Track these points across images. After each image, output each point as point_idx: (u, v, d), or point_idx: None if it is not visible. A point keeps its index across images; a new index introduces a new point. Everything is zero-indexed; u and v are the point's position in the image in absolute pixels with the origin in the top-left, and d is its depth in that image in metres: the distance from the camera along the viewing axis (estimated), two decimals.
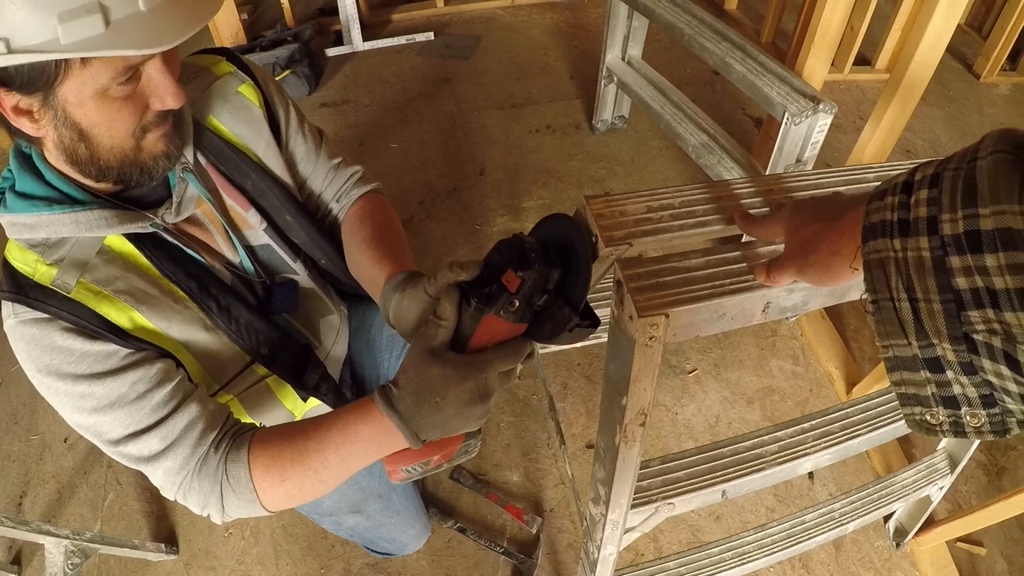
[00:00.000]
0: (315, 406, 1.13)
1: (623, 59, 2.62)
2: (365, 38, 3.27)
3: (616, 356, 0.76)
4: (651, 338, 0.68)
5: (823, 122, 1.79)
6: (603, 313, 0.76)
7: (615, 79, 2.64)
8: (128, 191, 0.85)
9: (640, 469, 0.94)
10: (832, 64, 3.01)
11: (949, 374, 0.46)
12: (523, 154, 2.80)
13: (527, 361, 0.76)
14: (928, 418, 0.49)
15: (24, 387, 2.07)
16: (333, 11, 3.32)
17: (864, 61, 3.44)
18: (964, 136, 3.06)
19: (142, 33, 0.68)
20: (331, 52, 3.25)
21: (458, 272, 0.71)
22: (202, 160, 0.93)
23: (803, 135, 1.81)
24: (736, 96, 3.20)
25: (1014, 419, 0.45)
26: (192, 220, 0.93)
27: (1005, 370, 0.42)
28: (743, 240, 0.79)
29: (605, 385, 0.82)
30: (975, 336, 0.43)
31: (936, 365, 0.46)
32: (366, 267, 0.98)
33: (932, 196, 0.45)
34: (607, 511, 0.92)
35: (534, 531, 1.69)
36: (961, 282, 0.42)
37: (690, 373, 2.09)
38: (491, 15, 3.65)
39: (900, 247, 0.46)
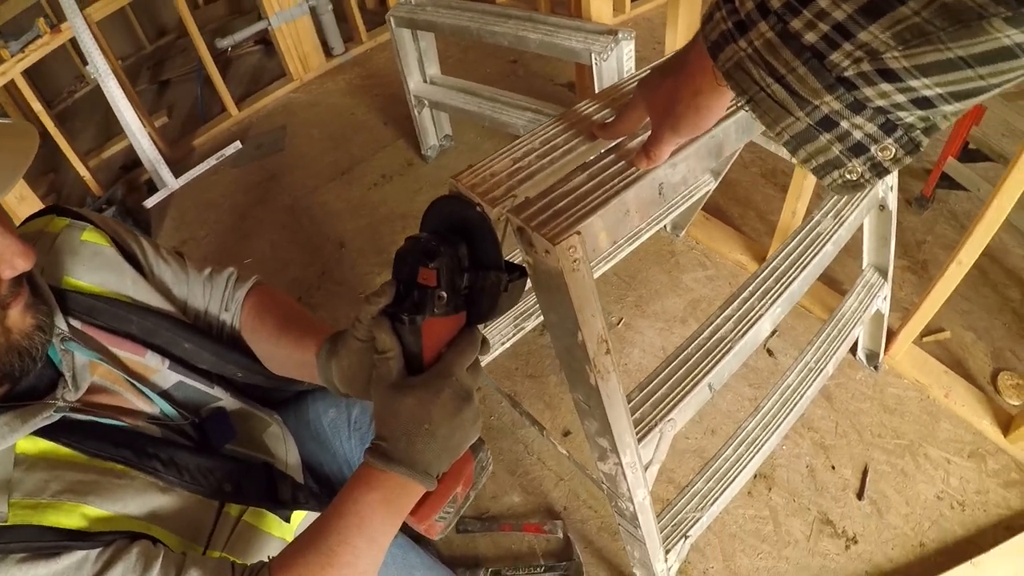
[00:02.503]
0: (302, 520, 1.06)
1: (425, 81, 2.65)
2: (176, 174, 3.17)
3: (551, 302, 0.75)
4: (575, 261, 0.68)
5: (628, 49, 1.88)
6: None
7: (426, 103, 2.67)
8: (16, 388, 0.77)
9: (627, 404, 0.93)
10: (614, 8, 3.16)
11: (844, 124, 0.48)
12: (371, 211, 2.79)
13: (485, 350, 0.74)
14: (848, 175, 0.51)
15: None
16: (136, 163, 3.22)
17: None
18: None
19: None
20: (150, 203, 3.12)
21: (376, 301, 0.69)
22: (76, 324, 0.85)
23: (615, 68, 1.88)
24: (540, 72, 3.31)
25: (917, 131, 0.47)
26: (94, 388, 0.85)
27: (886, 86, 0.44)
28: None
29: (555, 338, 0.81)
30: (846, 74, 0.45)
31: (828, 122, 0.48)
32: (288, 356, 0.95)
33: None
34: (619, 457, 0.90)
35: (560, 535, 1.66)
36: (810, 37, 0.45)
37: (618, 324, 2.11)
38: (286, 101, 3.62)
39: (746, 44, 0.48)
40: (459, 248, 0.68)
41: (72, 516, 0.73)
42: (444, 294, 0.67)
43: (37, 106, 2.82)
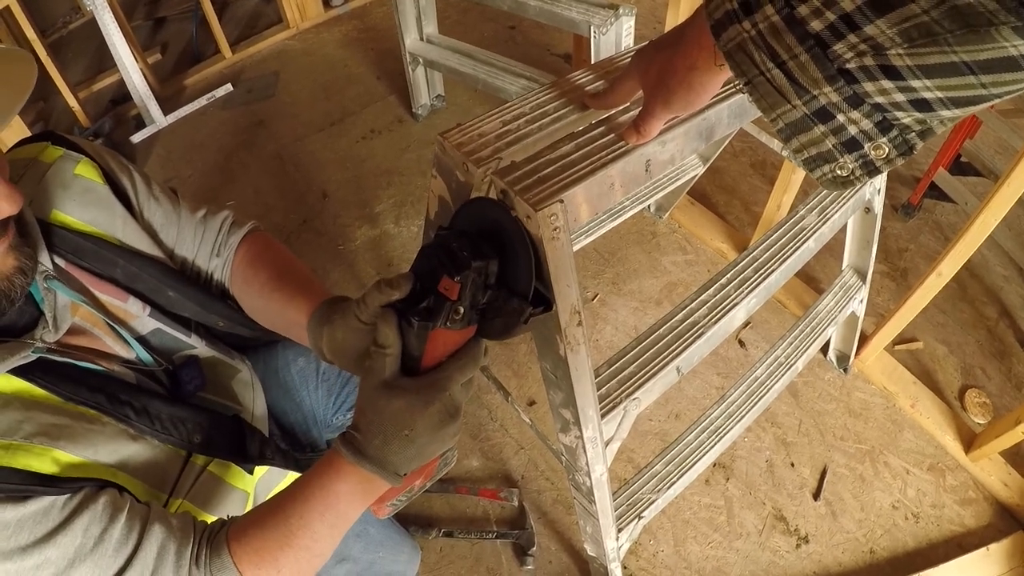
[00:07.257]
0: (264, 473, 1.05)
1: (422, 39, 2.60)
2: (166, 112, 3.11)
3: None
4: (555, 229, 0.67)
5: (628, 25, 1.85)
6: None
7: (420, 61, 2.63)
8: None
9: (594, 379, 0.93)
10: None
11: (840, 117, 0.47)
12: (358, 164, 2.76)
13: (485, 359, 0.72)
14: (839, 171, 0.50)
15: None
16: (125, 97, 3.15)
17: None
18: None
19: None
20: (136, 138, 3.06)
21: (388, 292, 0.66)
22: (61, 262, 0.82)
23: (613, 43, 1.86)
24: (538, 41, 3.27)
25: (913, 133, 0.46)
26: (74, 329, 0.83)
27: (887, 83, 0.43)
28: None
29: None
30: (848, 66, 0.44)
31: (825, 114, 0.47)
32: (279, 312, 0.92)
33: None
34: (581, 431, 0.90)
35: (515, 503, 1.67)
36: (816, 25, 0.44)
37: (593, 299, 2.11)
38: (281, 48, 3.55)
39: (750, 25, 0.47)
40: (490, 263, 0.63)
41: (43, 460, 0.72)
42: (462, 309, 0.63)
43: (31, 34, 2.76)
